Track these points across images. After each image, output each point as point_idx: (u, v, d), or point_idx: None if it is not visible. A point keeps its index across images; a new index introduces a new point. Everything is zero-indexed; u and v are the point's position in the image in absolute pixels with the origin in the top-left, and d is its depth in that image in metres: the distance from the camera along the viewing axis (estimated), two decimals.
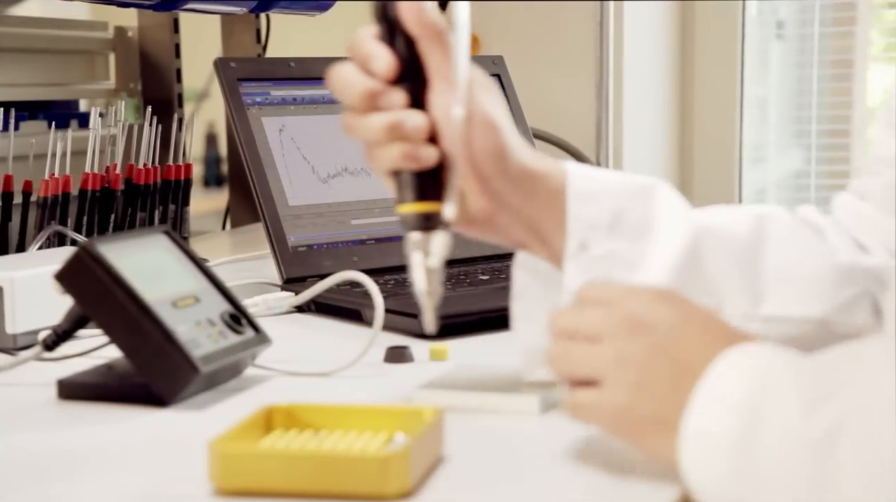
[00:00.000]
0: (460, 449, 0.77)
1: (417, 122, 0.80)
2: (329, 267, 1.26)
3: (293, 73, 1.32)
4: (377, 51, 0.81)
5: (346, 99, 0.82)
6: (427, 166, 0.80)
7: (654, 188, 0.86)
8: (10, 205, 1.34)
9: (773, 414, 0.66)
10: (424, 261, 0.81)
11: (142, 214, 1.45)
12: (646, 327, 0.72)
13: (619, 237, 0.84)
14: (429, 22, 0.80)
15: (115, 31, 1.89)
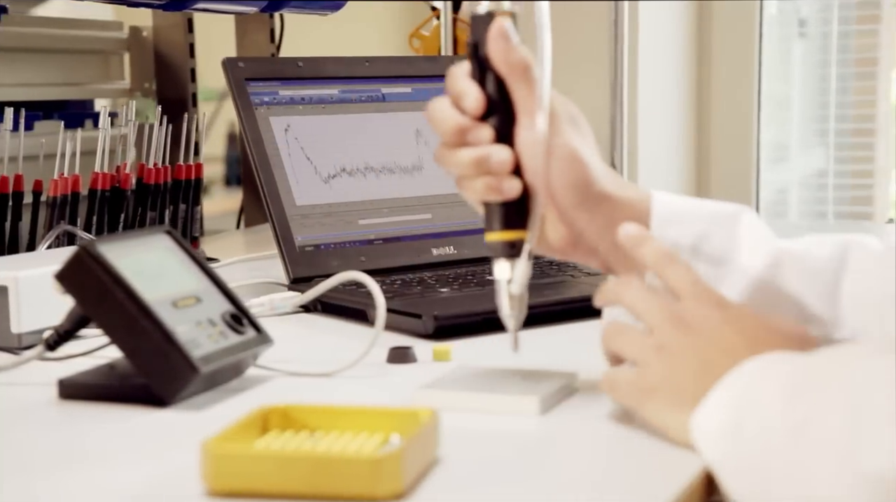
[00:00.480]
0: (457, 450, 0.77)
1: (502, 156, 0.84)
2: (336, 267, 1.25)
3: (302, 72, 1.32)
4: (467, 88, 0.85)
5: (439, 132, 0.87)
6: (511, 198, 0.85)
7: (739, 215, 0.88)
8: (20, 204, 1.34)
9: (757, 406, 0.71)
10: (508, 287, 0.85)
11: (152, 214, 1.45)
12: (689, 327, 0.79)
13: (701, 259, 0.87)
14: (515, 60, 0.85)
15: (129, 31, 1.90)
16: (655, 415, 0.79)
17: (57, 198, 1.34)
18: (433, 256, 1.31)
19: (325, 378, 0.95)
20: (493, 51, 0.85)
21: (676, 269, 0.83)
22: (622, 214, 0.87)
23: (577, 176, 0.85)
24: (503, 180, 0.85)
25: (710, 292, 0.81)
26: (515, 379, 0.88)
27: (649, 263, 0.84)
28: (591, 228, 0.87)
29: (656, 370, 0.80)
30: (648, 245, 0.84)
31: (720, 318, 0.80)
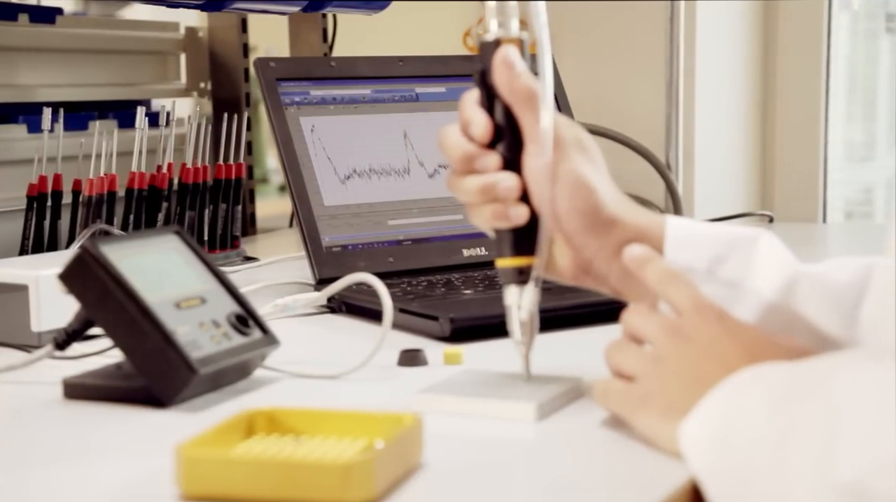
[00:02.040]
0: (444, 455, 0.76)
1: (509, 183, 0.85)
2: (363, 267, 1.25)
3: (334, 72, 1.32)
4: (474, 116, 0.86)
5: (448, 160, 0.87)
6: (518, 224, 0.85)
7: (757, 238, 0.86)
8: (58, 203, 1.36)
9: (743, 415, 0.70)
10: (518, 313, 0.86)
11: (191, 213, 1.46)
12: (686, 338, 0.78)
13: (715, 282, 0.85)
14: (519, 88, 0.85)
15: (186, 32, 1.91)
16: (646, 425, 0.78)
17: (93, 198, 1.35)
18: (463, 257, 1.30)
19: (332, 380, 0.95)
20: (497, 79, 0.85)
21: (678, 286, 0.82)
22: (633, 241, 0.86)
23: (583, 202, 0.85)
24: (510, 207, 0.85)
25: (711, 307, 0.80)
26: (517, 385, 0.87)
27: (652, 282, 0.83)
28: (600, 255, 0.86)
29: (650, 380, 0.79)
30: (653, 265, 0.83)
31: (718, 331, 0.78)
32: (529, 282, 0.85)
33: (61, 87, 1.70)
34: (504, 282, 0.86)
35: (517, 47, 0.86)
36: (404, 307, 1.11)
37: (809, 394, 0.68)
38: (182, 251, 0.95)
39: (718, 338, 0.78)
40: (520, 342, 0.86)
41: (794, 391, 0.69)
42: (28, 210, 1.34)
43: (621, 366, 0.82)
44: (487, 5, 0.87)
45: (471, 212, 0.88)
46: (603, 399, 0.82)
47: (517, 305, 0.86)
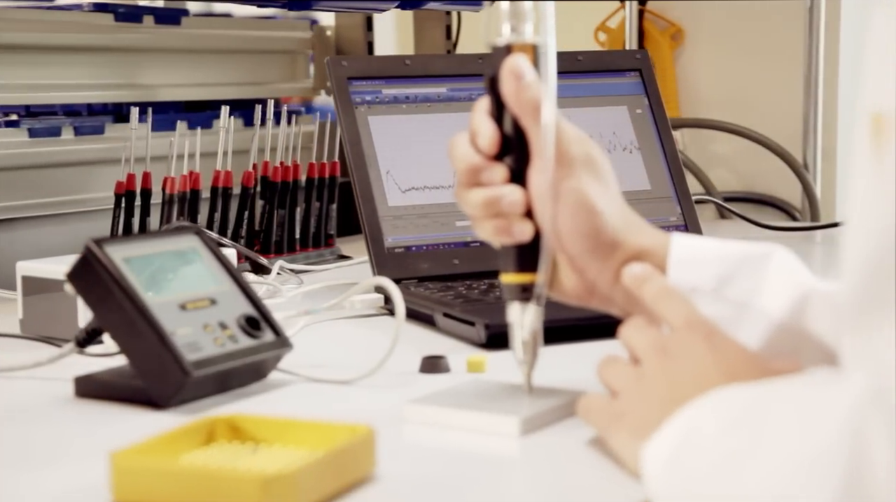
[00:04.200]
0: (405, 468, 0.74)
1: (514, 198, 0.82)
2: (425, 269, 1.23)
3: (408, 70, 1.30)
4: (482, 127, 0.82)
5: (455, 170, 0.84)
6: (522, 241, 0.82)
7: (770, 255, 0.81)
8: (148, 201, 1.38)
9: (696, 437, 0.67)
10: (520, 332, 0.82)
11: (281, 212, 1.46)
12: (669, 354, 0.75)
13: (723, 303, 0.81)
14: (526, 99, 0.81)
15: (314, 31, 1.93)
16: (617, 443, 0.74)
17: (175, 195, 1.37)
18: None
19: (346, 385, 0.93)
20: (505, 89, 0.82)
21: (672, 303, 0.78)
22: (640, 259, 0.82)
23: (585, 223, 0.81)
24: (514, 222, 0.82)
25: (701, 325, 0.76)
26: (510, 398, 0.84)
27: (648, 300, 0.80)
28: (602, 278, 0.83)
29: (629, 398, 0.76)
30: (650, 283, 0.80)
31: (703, 350, 0.74)
32: (531, 301, 0.82)
33: (187, 87, 1.73)
34: (507, 299, 0.83)
35: (529, 54, 0.82)
36: (448, 311, 1.09)
37: (761, 417, 0.64)
38: (200, 251, 0.95)
39: (701, 359, 0.73)
40: (521, 361, 0.83)
41: (749, 413, 0.65)
42: (116, 207, 1.37)
43: (609, 381, 0.78)
44: (500, 6, 0.83)
45: (475, 226, 0.85)
46: (584, 414, 0.78)
47: (520, 323, 0.83)
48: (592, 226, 0.81)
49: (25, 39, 1.52)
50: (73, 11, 1.61)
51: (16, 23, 1.51)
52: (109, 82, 1.62)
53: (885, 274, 0.56)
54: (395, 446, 0.79)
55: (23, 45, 1.52)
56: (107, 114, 1.66)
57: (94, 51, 1.61)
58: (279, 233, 1.46)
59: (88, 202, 1.51)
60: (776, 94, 1.95)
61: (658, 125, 1.37)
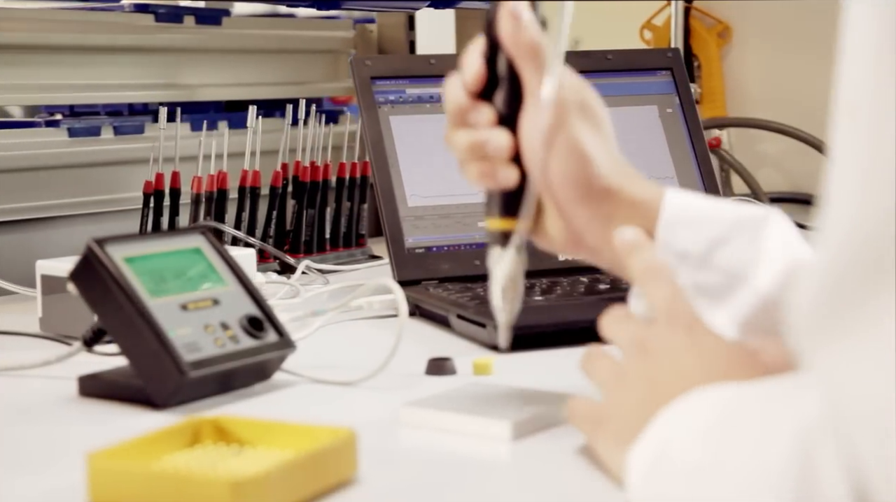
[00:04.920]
0: (390, 472, 0.73)
1: (500, 141, 0.80)
2: (446, 270, 1.22)
3: (433, 69, 1.29)
4: (469, 64, 0.81)
5: (445, 112, 0.83)
6: (507, 186, 0.80)
7: (765, 219, 0.78)
8: (177, 201, 1.39)
9: (676, 443, 0.64)
10: (499, 277, 0.81)
11: (310, 211, 1.46)
12: (648, 352, 0.73)
13: (712, 270, 0.77)
14: (524, 39, 0.79)
15: (357, 29, 1.92)
16: (602, 449, 0.72)
17: (202, 195, 1.37)
18: (559, 262, 1.24)
19: (349, 386, 0.93)
20: (502, 29, 0.80)
21: (658, 285, 0.75)
22: (626, 214, 0.79)
23: (576, 170, 0.79)
24: (499, 167, 0.80)
25: (684, 314, 0.73)
26: (505, 402, 0.83)
27: (634, 276, 0.77)
28: (591, 227, 0.80)
29: (611, 398, 0.74)
30: (640, 254, 0.77)
31: (683, 344, 0.72)
32: (509, 247, 0.80)
33: (227, 87, 1.74)
34: (489, 244, 0.81)
35: (530, 3, 0.80)
36: (461, 313, 1.08)
37: (739, 423, 0.61)
38: (206, 251, 0.95)
39: (681, 354, 0.71)
40: (498, 309, 0.81)
41: (716, 425, 0.63)
42: (144, 207, 1.38)
43: (592, 376, 0.77)
44: None
45: (462, 168, 0.83)
46: (572, 418, 0.76)
47: (500, 268, 0.80)
48: (584, 175, 0.79)
49: (68, 40, 1.53)
50: (115, 12, 1.63)
51: (58, 24, 1.53)
52: (150, 82, 1.63)
53: (847, 284, 0.53)
54: (385, 449, 0.79)
55: (65, 46, 1.54)
56: (147, 114, 1.67)
57: (134, 51, 1.62)
58: (308, 233, 1.46)
59: (127, 201, 1.52)
60: (826, 93, 1.91)
61: (689, 125, 1.35)
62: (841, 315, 0.53)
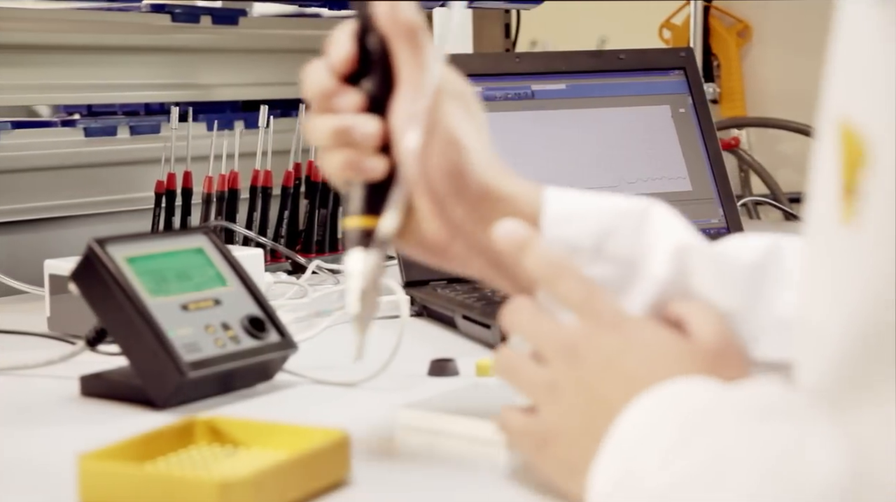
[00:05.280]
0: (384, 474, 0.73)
1: (368, 128, 0.73)
2: None
3: None
4: (336, 45, 0.74)
5: (306, 97, 0.76)
6: (373, 178, 0.74)
7: (648, 209, 0.73)
8: (189, 201, 1.39)
9: (636, 467, 0.61)
10: (359, 283, 0.73)
11: (322, 211, 1.46)
12: (580, 358, 0.68)
13: (605, 261, 0.72)
14: (401, 19, 0.73)
15: None
16: (555, 472, 0.68)
17: (213, 195, 1.38)
18: None
19: (350, 387, 0.93)
20: (378, 6, 0.73)
21: (568, 282, 0.70)
22: (506, 212, 0.73)
23: (451, 161, 0.72)
24: (365, 156, 0.73)
25: (606, 310, 0.68)
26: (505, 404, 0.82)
27: (536, 274, 0.71)
28: (465, 227, 0.74)
29: (548, 414, 0.68)
30: (534, 251, 0.71)
31: (616, 345, 0.67)
32: (372, 247, 0.73)
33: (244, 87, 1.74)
34: (349, 245, 0.74)
35: None
36: (466, 313, 1.08)
37: (701, 444, 0.59)
38: (209, 252, 0.95)
39: (615, 355, 0.67)
40: (354, 317, 0.74)
41: (690, 437, 0.60)
42: (156, 206, 1.38)
43: (517, 390, 0.70)
44: None
45: (322, 159, 0.76)
46: (509, 437, 0.71)
47: (359, 273, 0.73)
48: (458, 167, 0.72)
49: (85, 40, 1.54)
50: (132, 13, 1.63)
51: (76, 24, 1.54)
52: (167, 82, 1.64)
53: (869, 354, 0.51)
54: (381, 450, 0.79)
55: (82, 46, 1.55)
56: (163, 113, 1.68)
57: (152, 51, 1.63)
58: (321, 233, 1.46)
59: (141, 201, 1.52)
60: None
61: (702, 125, 1.34)
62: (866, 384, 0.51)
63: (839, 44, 0.56)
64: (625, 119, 1.31)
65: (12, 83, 1.47)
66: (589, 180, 1.28)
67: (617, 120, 1.31)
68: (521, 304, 0.71)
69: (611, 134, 1.30)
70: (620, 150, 1.30)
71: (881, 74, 0.50)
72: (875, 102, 0.50)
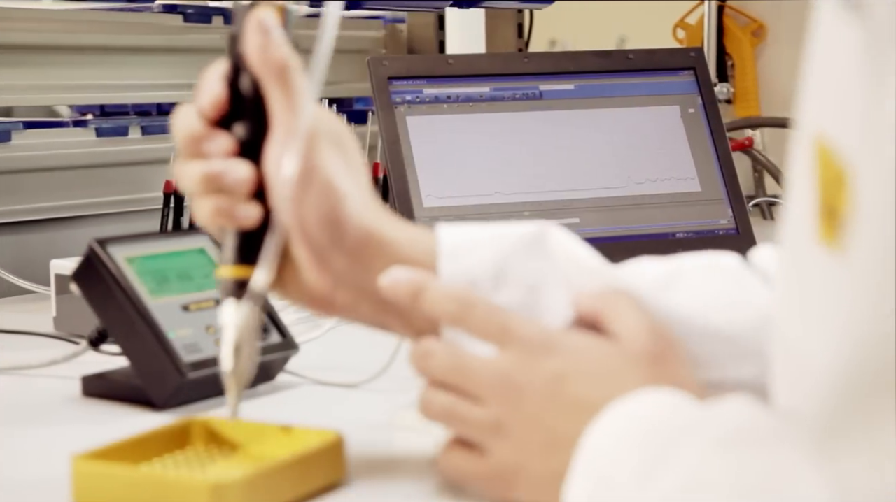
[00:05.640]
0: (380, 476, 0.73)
1: (239, 174, 0.70)
2: None
3: (451, 69, 1.28)
4: (208, 88, 0.71)
5: (175, 142, 0.72)
6: (247, 226, 0.70)
7: (543, 233, 0.70)
8: None
9: (611, 491, 0.59)
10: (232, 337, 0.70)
11: None
12: (519, 391, 0.65)
13: (508, 288, 0.69)
14: (272, 57, 0.70)
15: (387, 29, 1.92)
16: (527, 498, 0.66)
17: None
18: None
19: (351, 388, 0.93)
20: (249, 44, 0.70)
21: (479, 314, 0.67)
22: (389, 258, 0.70)
23: (328, 210, 0.69)
24: (237, 204, 0.70)
25: (529, 334, 0.66)
26: None
27: (439, 315, 0.68)
28: (350, 275, 0.70)
29: (502, 454, 0.66)
30: (431, 293, 0.68)
31: (553, 369, 0.65)
32: (245, 299, 0.70)
33: None
34: (222, 296, 0.71)
35: (281, 15, 0.71)
36: None
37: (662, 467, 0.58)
38: (210, 252, 0.94)
39: (556, 380, 0.65)
40: (227, 374, 0.70)
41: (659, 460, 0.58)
42: (164, 206, 1.38)
43: (458, 433, 0.68)
44: None
45: (193, 205, 0.72)
46: (458, 479, 0.68)
47: (233, 326, 0.70)
48: (336, 214, 0.69)
49: (98, 41, 1.54)
50: (144, 13, 1.64)
51: (88, 24, 1.54)
52: (179, 82, 1.64)
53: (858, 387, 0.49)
54: (378, 451, 0.78)
55: (95, 47, 1.55)
56: None
57: (164, 51, 1.63)
58: None
59: (152, 201, 1.52)
60: None
61: (711, 125, 1.34)
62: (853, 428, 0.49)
63: (814, 60, 0.55)
64: (633, 119, 1.30)
65: (26, 83, 1.48)
66: (597, 181, 1.27)
67: (625, 120, 1.30)
68: (431, 348, 0.68)
69: (619, 134, 1.30)
70: (629, 151, 1.29)
71: (854, 93, 0.48)
72: (849, 122, 0.49)
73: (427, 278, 0.69)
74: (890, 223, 0.47)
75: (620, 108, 1.30)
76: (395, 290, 0.69)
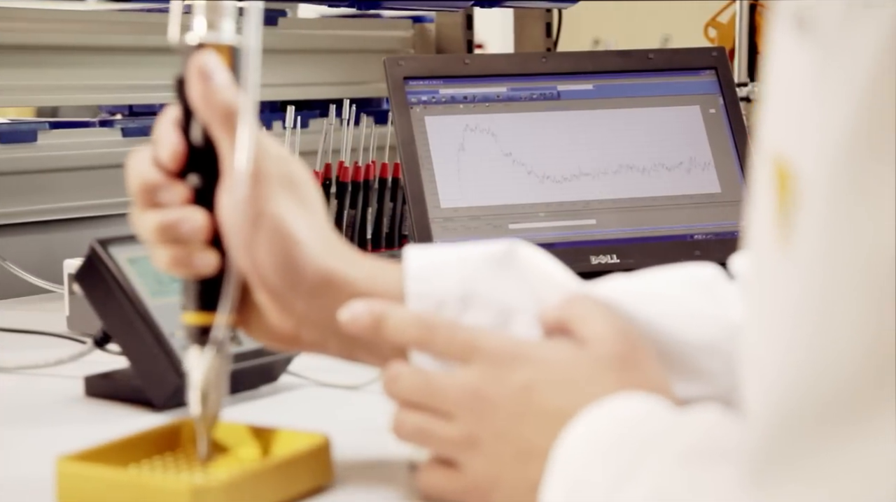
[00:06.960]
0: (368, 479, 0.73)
1: (194, 223, 0.69)
2: None
3: (467, 70, 1.27)
4: (163, 138, 0.71)
5: (129, 191, 0.72)
6: (204, 274, 0.70)
7: (512, 251, 0.70)
8: None
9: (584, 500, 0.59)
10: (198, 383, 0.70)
11: (351, 211, 1.46)
12: (489, 405, 0.65)
13: (476, 308, 0.69)
14: (217, 103, 0.69)
15: (416, 29, 1.92)
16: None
17: None
18: (591, 265, 1.22)
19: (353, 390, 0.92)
20: (192, 92, 0.69)
21: (443, 334, 0.67)
22: (349, 296, 0.69)
23: (282, 255, 0.69)
24: (194, 252, 0.70)
25: (496, 346, 0.66)
26: None
27: (404, 341, 0.68)
28: (309, 320, 0.70)
29: (476, 468, 0.66)
30: (392, 320, 0.68)
31: (521, 379, 0.65)
32: (208, 345, 0.70)
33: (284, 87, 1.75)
34: (187, 343, 0.71)
35: (226, 56, 0.70)
36: None
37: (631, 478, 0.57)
38: None
39: (524, 390, 0.64)
40: (196, 418, 0.70)
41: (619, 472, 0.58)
42: None
43: (431, 451, 0.68)
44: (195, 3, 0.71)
45: (152, 256, 0.72)
46: (433, 493, 0.68)
47: (198, 372, 0.70)
48: (290, 260, 0.69)
49: (125, 41, 1.55)
50: None
51: (115, 25, 1.55)
52: None
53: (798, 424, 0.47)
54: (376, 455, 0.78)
55: (122, 48, 1.56)
56: None
57: None
58: (349, 234, 1.46)
59: None
60: None
61: (733, 125, 1.32)
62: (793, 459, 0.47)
63: (771, 80, 0.53)
64: (653, 120, 1.29)
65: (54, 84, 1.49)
66: (615, 182, 1.26)
67: (645, 121, 1.29)
68: (399, 371, 0.68)
69: (638, 135, 1.28)
70: (648, 152, 1.28)
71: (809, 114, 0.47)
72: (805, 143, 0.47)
73: (386, 306, 0.68)
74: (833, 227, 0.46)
75: (640, 109, 1.29)
76: (356, 324, 0.68)
